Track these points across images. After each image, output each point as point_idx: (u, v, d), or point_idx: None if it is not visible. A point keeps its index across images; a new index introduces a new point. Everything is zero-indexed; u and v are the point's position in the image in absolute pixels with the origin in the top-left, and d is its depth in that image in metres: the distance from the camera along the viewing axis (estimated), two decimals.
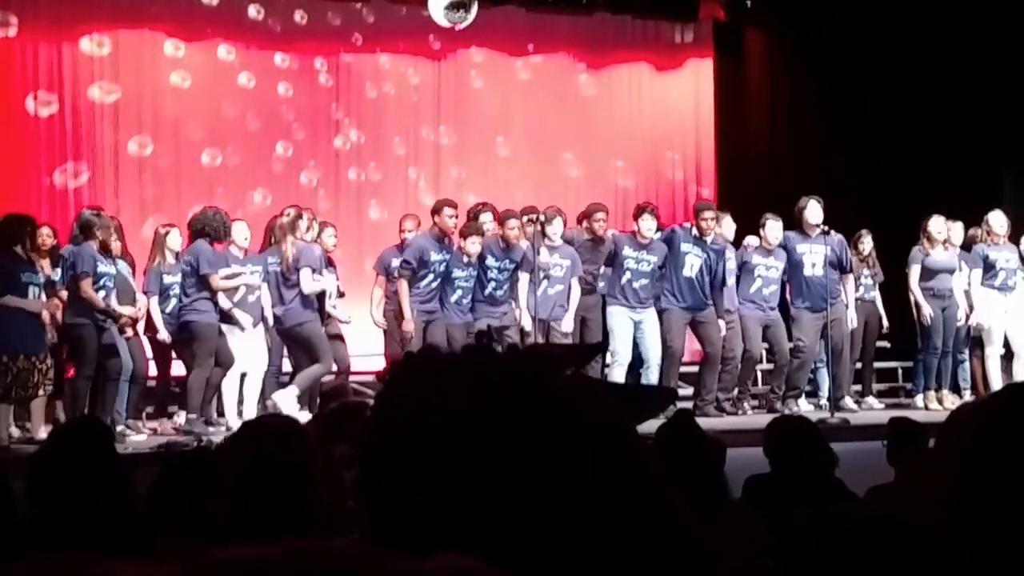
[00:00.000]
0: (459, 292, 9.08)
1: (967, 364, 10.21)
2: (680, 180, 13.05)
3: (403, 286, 8.87)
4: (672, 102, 13.14)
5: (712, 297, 9.52)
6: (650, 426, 4.27)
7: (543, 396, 0.97)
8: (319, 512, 2.54)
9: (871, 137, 12.47)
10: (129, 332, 8.43)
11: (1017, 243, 10.14)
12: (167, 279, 8.65)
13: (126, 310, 8.35)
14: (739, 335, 9.73)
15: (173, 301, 8.65)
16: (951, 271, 9.91)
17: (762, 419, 5.90)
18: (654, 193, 12.44)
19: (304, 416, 7.04)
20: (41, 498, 2.84)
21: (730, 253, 9.82)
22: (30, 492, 2.83)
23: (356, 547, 0.86)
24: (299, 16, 11.75)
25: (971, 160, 11.44)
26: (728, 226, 10.13)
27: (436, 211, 9.23)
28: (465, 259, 9.05)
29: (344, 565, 0.81)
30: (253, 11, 11.60)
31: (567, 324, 9.36)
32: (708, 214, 9.58)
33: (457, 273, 9.06)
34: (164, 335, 8.59)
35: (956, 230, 10.07)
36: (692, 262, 9.46)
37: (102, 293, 8.04)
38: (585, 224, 9.79)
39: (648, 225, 9.46)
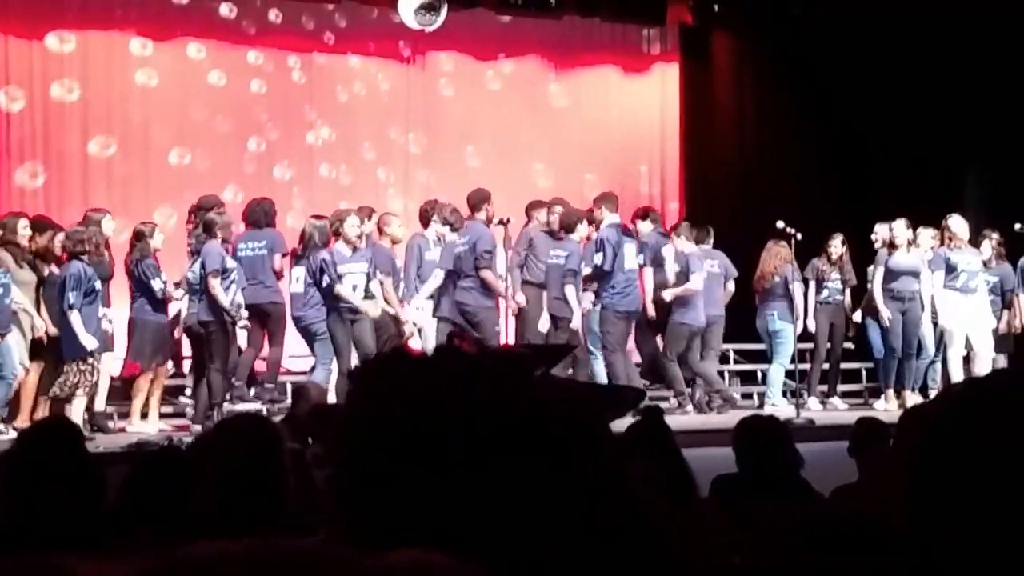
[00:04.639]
0: None
1: (938, 365, 10.29)
2: (646, 192, 13.04)
3: (490, 275, 8.93)
4: (639, 108, 13.17)
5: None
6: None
7: (514, 396, 0.99)
8: (291, 510, 2.55)
9: (839, 141, 12.57)
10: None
11: (978, 245, 10.26)
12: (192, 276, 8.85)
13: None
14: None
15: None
16: (915, 273, 9.97)
17: (731, 419, 5.93)
18: (622, 201, 12.41)
19: None
20: (10, 499, 2.82)
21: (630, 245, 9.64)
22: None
23: (321, 544, 0.88)
24: (273, 15, 11.72)
25: (937, 162, 11.57)
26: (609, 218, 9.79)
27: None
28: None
29: (308, 562, 0.82)
30: (225, 10, 11.56)
31: (543, 324, 9.34)
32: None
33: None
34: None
35: (925, 236, 10.15)
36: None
37: (233, 288, 8.57)
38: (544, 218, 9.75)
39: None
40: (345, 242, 8.90)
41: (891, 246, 9.95)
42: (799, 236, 9.79)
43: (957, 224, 10.10)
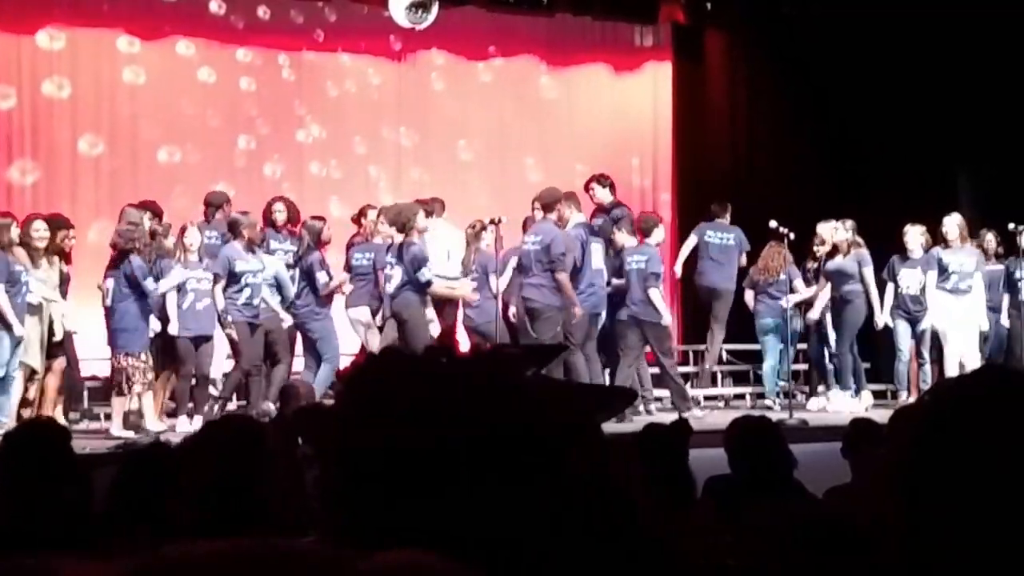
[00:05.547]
0: None
1: (928, 367, 10.32)
2: (638, 184, 13.08)
3: (565, 279, 8.82)
4: (632, 106, 13.19)
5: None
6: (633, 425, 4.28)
7: (507, 396, 0.99)
8: (280, 511, 2.53)
9: (833, 139, 12.59)
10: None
11: (974, 242, 10.30)
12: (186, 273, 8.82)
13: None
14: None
15: (190, 296, 8.71)
16: (845, 275, 9.94)
17: (724, 419, 5.92)
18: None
19: None
20: None
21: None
22: None
23: (313, 545, 0.88)
24: (262, 12, 11.71)
25: (931, 161, 11.60)
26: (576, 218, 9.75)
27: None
28: None
29: (300, 563, 0.82)
30: (214, 7, 11.55)
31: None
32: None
33: None
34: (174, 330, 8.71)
35: (914, 233, 10.17)
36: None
37: (247, 291, 8.64)
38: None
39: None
40: (419, 234, 8.99)
41: (833, 249, 10.02)
42: (792, 236, 9.82)
43: (950, 224, 10.12)
